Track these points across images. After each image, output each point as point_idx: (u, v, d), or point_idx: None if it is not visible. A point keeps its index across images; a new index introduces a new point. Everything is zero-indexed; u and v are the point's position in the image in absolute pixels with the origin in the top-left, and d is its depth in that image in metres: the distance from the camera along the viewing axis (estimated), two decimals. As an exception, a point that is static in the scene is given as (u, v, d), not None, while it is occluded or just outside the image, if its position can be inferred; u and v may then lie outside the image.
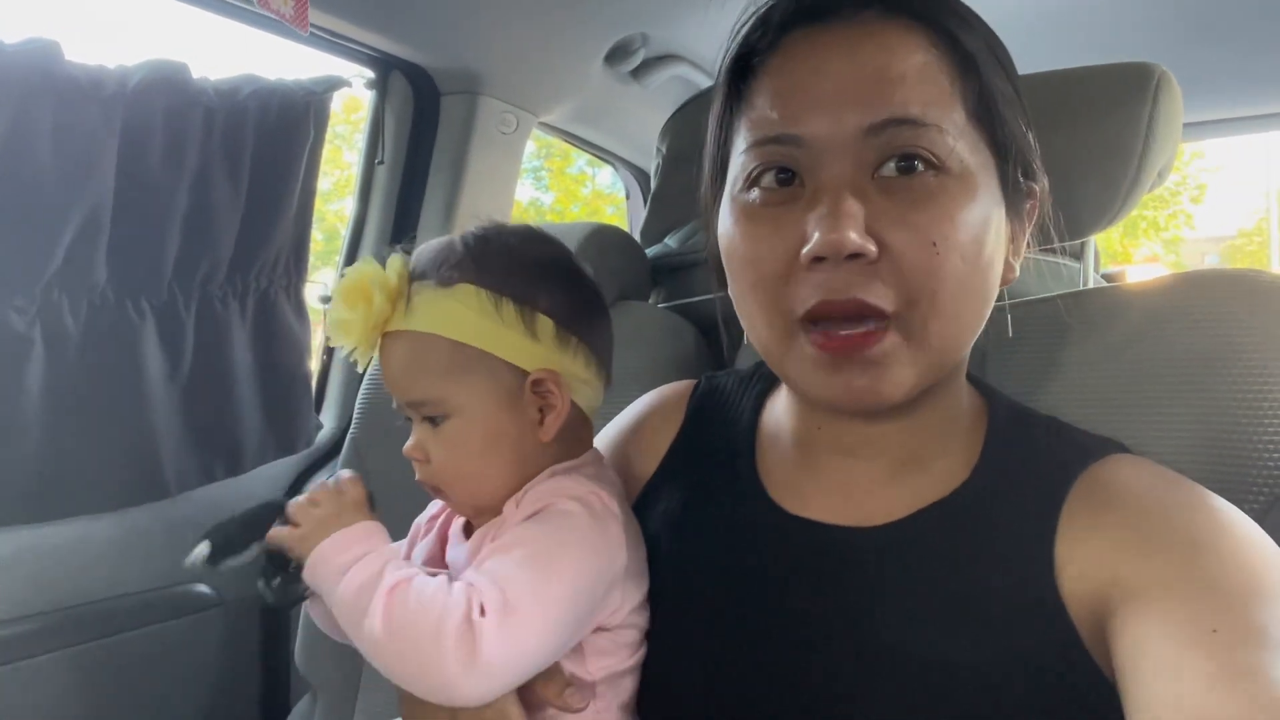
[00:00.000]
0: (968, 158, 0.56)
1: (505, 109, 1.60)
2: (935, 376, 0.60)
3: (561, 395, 0.68)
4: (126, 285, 1.21)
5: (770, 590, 0.64)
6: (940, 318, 0.56)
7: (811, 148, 0.57)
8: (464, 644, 0.56)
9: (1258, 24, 1.46)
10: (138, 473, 1.25)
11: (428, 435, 0.68)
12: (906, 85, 0.55)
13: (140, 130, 1.15)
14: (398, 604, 0.58)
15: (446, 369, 0.66)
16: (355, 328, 0.67)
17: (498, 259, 0.69)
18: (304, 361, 1.46)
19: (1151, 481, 0.58)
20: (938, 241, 0.54)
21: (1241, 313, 0.78)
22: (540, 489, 0.67)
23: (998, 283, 0.60)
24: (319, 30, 1.33)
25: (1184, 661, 0.47)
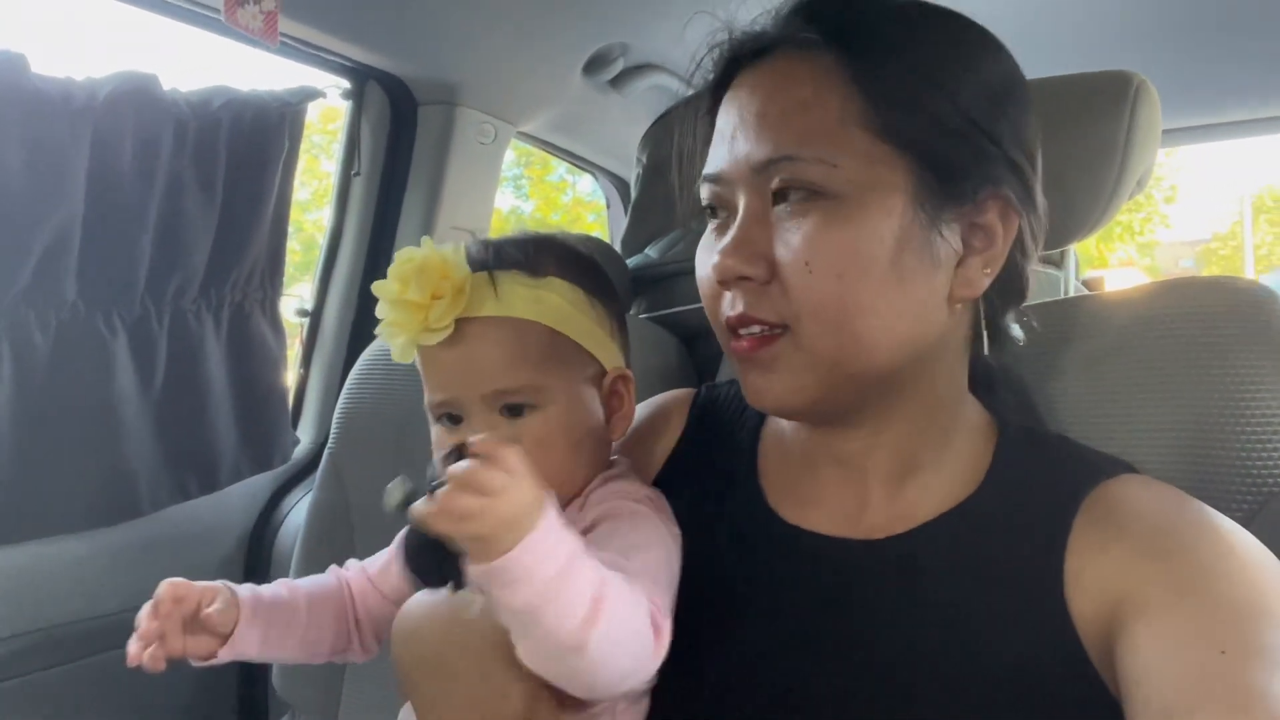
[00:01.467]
0: (862, 178, 0.57)
1: (484, 119, 1.59)
2: (848, 387, 0.61)
3: (630, 397, 0.72)
4: (97, 299, 1.19)
5: (771, 602, 0.65)
6: (827, 334, 0.58)
7: (726, 184, 0.62)
8: (657, 649, 0.56)
9: (1233, 32, 1.47)
10: (110, 491, 1.23)
11: (503, 429, 0.66)
12: (790, 121, 0.59)
13: (110, 143, 1.13)
14: (614, 624, 0.53)
15: (545, 357, 0.66)
16: (431, 312, 0.63)
17: (576, 259, 0.71)
18: (280, 376, 1.45)
19: (1160, 501, 0.59)
20: (809, 262, 0.57)
21: (1221, 320, 0.78)
22: (600, 494, 0.67)
23: (922, 299, 0.59)
24: (293, 41, 1.32)
25: (1190, 684, 0.47)
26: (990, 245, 0.61)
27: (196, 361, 1.31)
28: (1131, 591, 0.53)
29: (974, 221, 0.60)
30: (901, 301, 0.58)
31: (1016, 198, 0.60)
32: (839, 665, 0.60)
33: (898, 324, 0.59)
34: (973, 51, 0.62)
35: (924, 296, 0.59)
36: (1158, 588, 0.52)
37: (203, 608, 0.69)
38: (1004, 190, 0.60)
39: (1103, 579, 0.55)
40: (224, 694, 1.44)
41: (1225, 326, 0.78)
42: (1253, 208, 15.87)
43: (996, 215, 0.60)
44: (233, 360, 1.37)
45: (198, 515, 1.39)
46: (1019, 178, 0.61)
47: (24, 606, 1.19)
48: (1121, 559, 0.55)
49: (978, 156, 0.59)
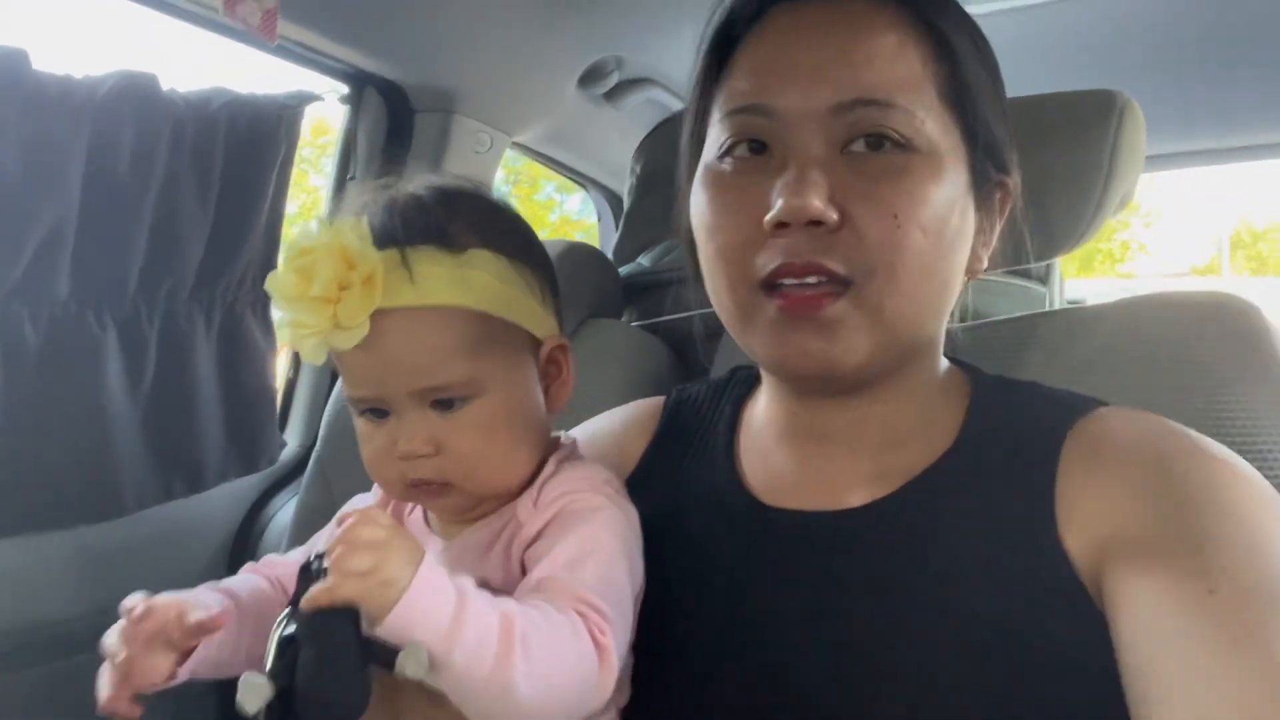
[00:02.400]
0: (936, 138, 0.58)
1: (479, 128, 1.60)
2: (893, 351, 0.60)
3: (568, 364, 0.66)
4: (89, 297, 1.18)
5: (753, 584, 0.63)
6: (897, 292, 0.57)
7: (782, 120, 0.58)
8: (604, 668, 0.54)
9: (1219, 59, 1.51)
10: (95, 489, 1.22)
11: (436, 425, 0.60)
12: (877, 65, 0.57)
13: (108, 140, 1.14)
14: (536, 647, 0.51)
15: (475, 345, 0.59)
16: (339, 308, 0.55)
17: (493, 219, 0.63)
18: (269, 378, 1.44)
19: (1146, 431, 0.58)
20: (899, 214, 0.55)
21: (1206, 333, 0.79)
22: (555, 484, 0.62)
23: (961, 267, 0.62)
24: (292, 44, 1.33)
25: (1180, 626, 0.46)
26: (991, 228, 0.64)
27: (186, 362, 1.31)
28: (1120, 528, 0.52)
29: (987, 200, 0.63)
30: (954, 267, 0.60)
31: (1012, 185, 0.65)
32: (833, 639, 0.59)
33: (944, 291, 0.60)
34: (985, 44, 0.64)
35: (959, 267, 0.61)
36: (1145, 524, 0.52)
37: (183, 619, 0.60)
38: (1010, 179, 0.64)
39: (1094, 514, 0.54)
40: (204, 698, 1.42)
41: (1205, 339, 0.79)
42: (1230, 242, 16.08)
43: (999, 200, 0.64)
44: (222, 362, 1.36)
45: (183, 516, 1.38)
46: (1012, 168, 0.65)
47: (5, 605, 1.17)
48: (1112, 493, 0.54)
49: (1002, 138, 0.62)
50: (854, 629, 0.58)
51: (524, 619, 0.52)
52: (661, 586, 0.65)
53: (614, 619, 0.55)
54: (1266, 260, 16.17)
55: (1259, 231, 16.32)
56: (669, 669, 0.64)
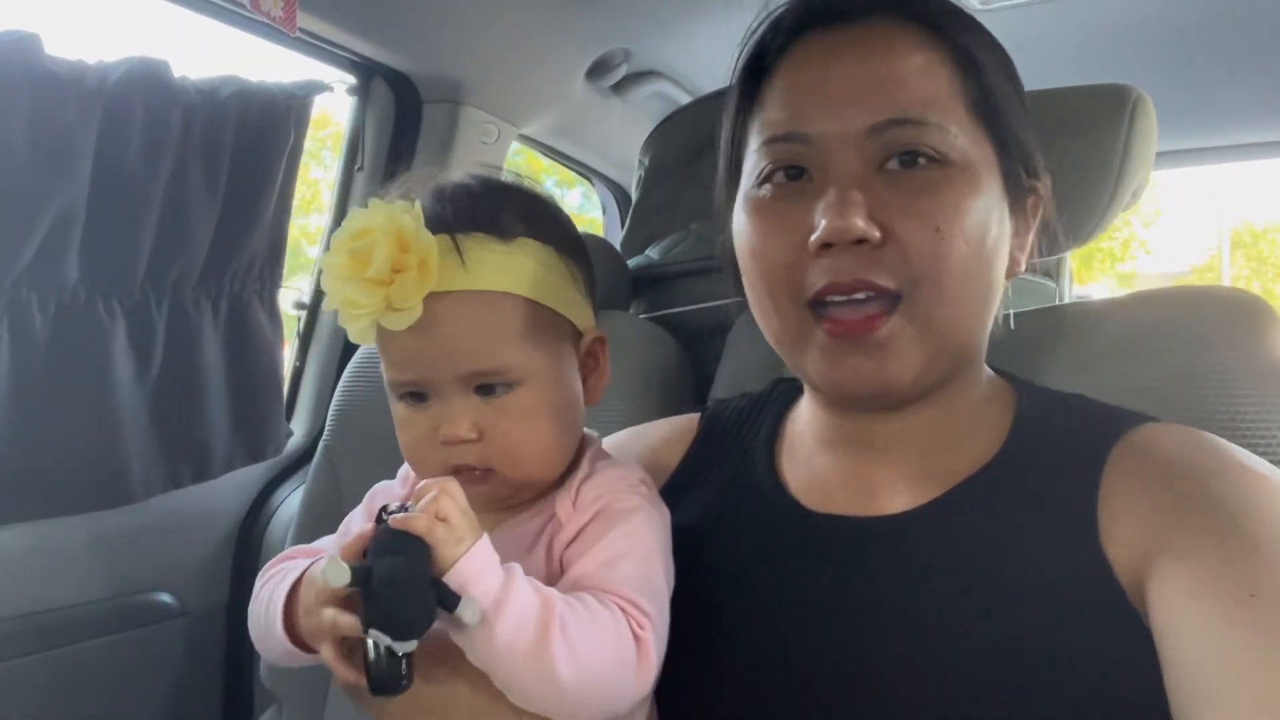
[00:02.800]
0: (969, 151, 0.59)
1: (487, 119, 1.60)
2: (944, 363, 0.61)
3: (604, 358, 0.68)
4: (98, 284, 1.19)
5: (793, 586, 0.64)
6: (945, 300, 0.58)
7: (819, 145, 0.60)
8: (643, 662, 0.56)
9: (1227, 56, 1.51)
10: (103, 476, 1.22)
11: (481, 411, 0.60)
12: (908, 85, 0.59)
13: (119, 127, 1.14)
14: (575, 633, 0.53)
15: (523, 331, 0.60)
16: (393, 290, 0.56)
17: (541, 211, 0.65)
18: (276, 367, 1.44)
19: (1190, 445, 0.59)
20: (941, 226, 0.57)
21: (1212, 327, 0.79)
22: (593, 485, 0.63)
23: (1002, 273, 0.63)
24: (302, 33, 1.33)
25: (1221, 627, 0.47)
26: (1026, 231, 0.65)
27: (193, 350, 1.31)
28: (1163, 537, 0.53)
29: (1020, 205, 0.64)
30: (996, 272, 0.61)
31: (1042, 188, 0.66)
32: (874, 645, 0.59)
33: (990, 299, 0.62)
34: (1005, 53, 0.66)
35: (1001, 273, 0.63)
36: (1188, 533, 0.52)
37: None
38: (1046, 179, 0.65)
39: (1136, 526, 0.55)
40: (209, 685, 1.43)
41: (1216, 333, 0.79)
42: (1230, 241, 16.10)
43: (1032, 204, 0.65)
44: (229, 350, 1.37)
45: (189, 504, 1.38)
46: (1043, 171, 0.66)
47: (13, 590, 1.18)
48: (1153, 504, 0.55)
49: (1032, 144, 0.64)
50: (895, 634, 0.59)
51: (565, 605, 0.54)
52: (701, 589, 0.66)
53: (654, 616, 0.57)
54: (1266, 260, 16.17)
55: (1259, 231, 16.33)
56: (704, 670, 0.64)
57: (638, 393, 1.16)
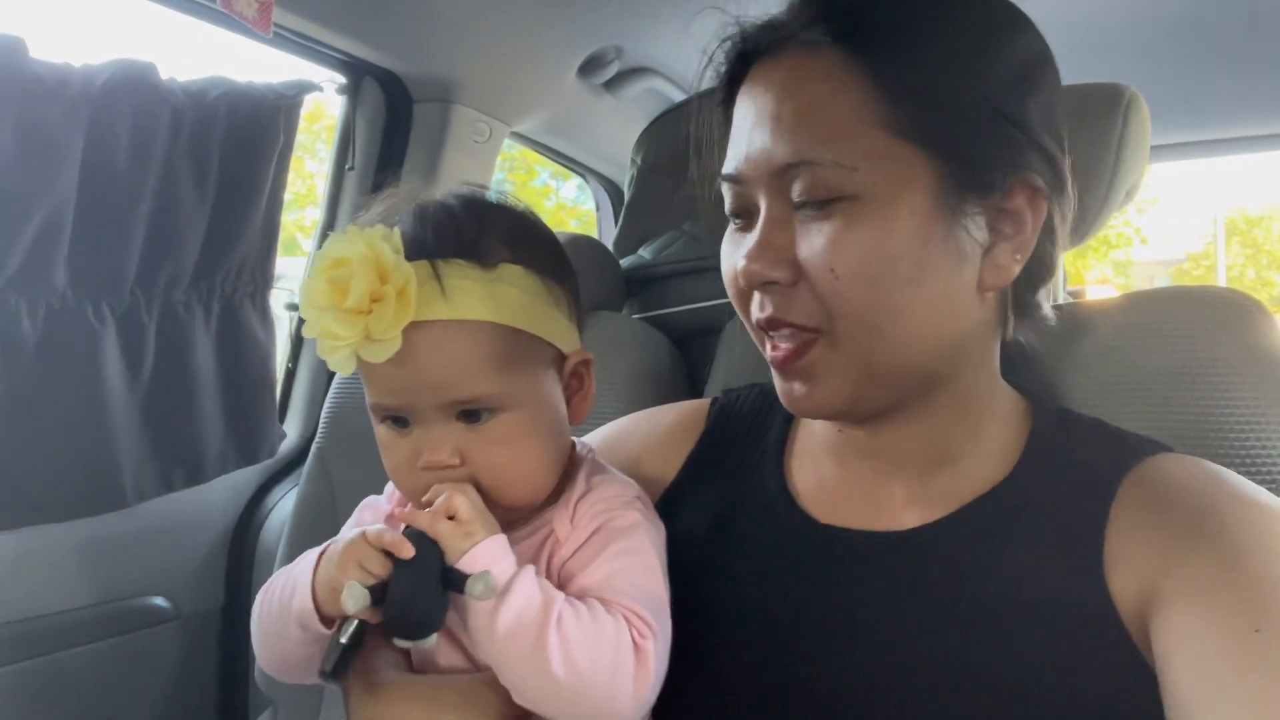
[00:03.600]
0: (879, 180, 0.56)
1: (479, 118, 1.59)
2: (885, 387, 0.61)
3: (590, 378, 0.67)
4: (87, 288, 1.18)
5: (801, 599, 0.64)
6: (864, 333, 0.58)
7: (748, 186, 0.62)
8: (641, 671, 0.56)
9: (1222, 51, 1.50)
10: (95, 481, 1.21)
11: (463, 436, 0.60)
12: (809, 122, 0.58)
13: (106, 130, 1.13)
14: (572, 632, 0.54)
15: (504, 360, 0.59)
16: (371, 321, 0.54)
17: (526, 233, 0.64)
18: (269, 370, 1.44)
19: (1200, 479, 0.58)
20: (836, 268, 0.57)
21: (1206, 328, 0.79)
22: (590, 503, 0.63)
23: (945, 291, 0.59)
24: (290, 34, 1.32)
25: (1225, 663, 0.47)
26: (1019, 232, 0.59)
27: (185, 353, 1.30)
28: (1169, 570, 0.53)
29: (1002, 208, 0.58)
30: (932, 298, 0.58)
31: (1045, 182, 0.59)
32: (876, 660, 0.59)
33: (930, 320, 0.59)
34: (995, 33, 0.60)
35: (954, 290, 0.59)
36: (1194, 566, 0.52)
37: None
38: (1031, 176, 0.58)
39: (1142, 558, 0.55)
40: (204, 689, 1.42)
41: (1209, 334, 0.79)
42: (1225, 229, 16.13)
43: (1025, 201, 0.59)
44: (221, 353, 1.36)
45: (182, 508, 1.38)
46: (1047, 161, 0.59)
47: (5, 597, 1.17)
48: (1160, 538, 0.55)
49: (1002, 144, 0.58)
50: (894, 654, 0.59)
51: (568, 604, 0.55)
52: (704, 595, 0.66)
53: (656, 628, 0.57)
54: (1261, 247, 16.22)
55: (1254, 218, 16.37)
56: (701, 677, 0.64)
57: (630, 393, 1.16)
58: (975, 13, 0.60)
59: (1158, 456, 0.61)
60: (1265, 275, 15.76)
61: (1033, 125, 0.59)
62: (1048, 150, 0.59)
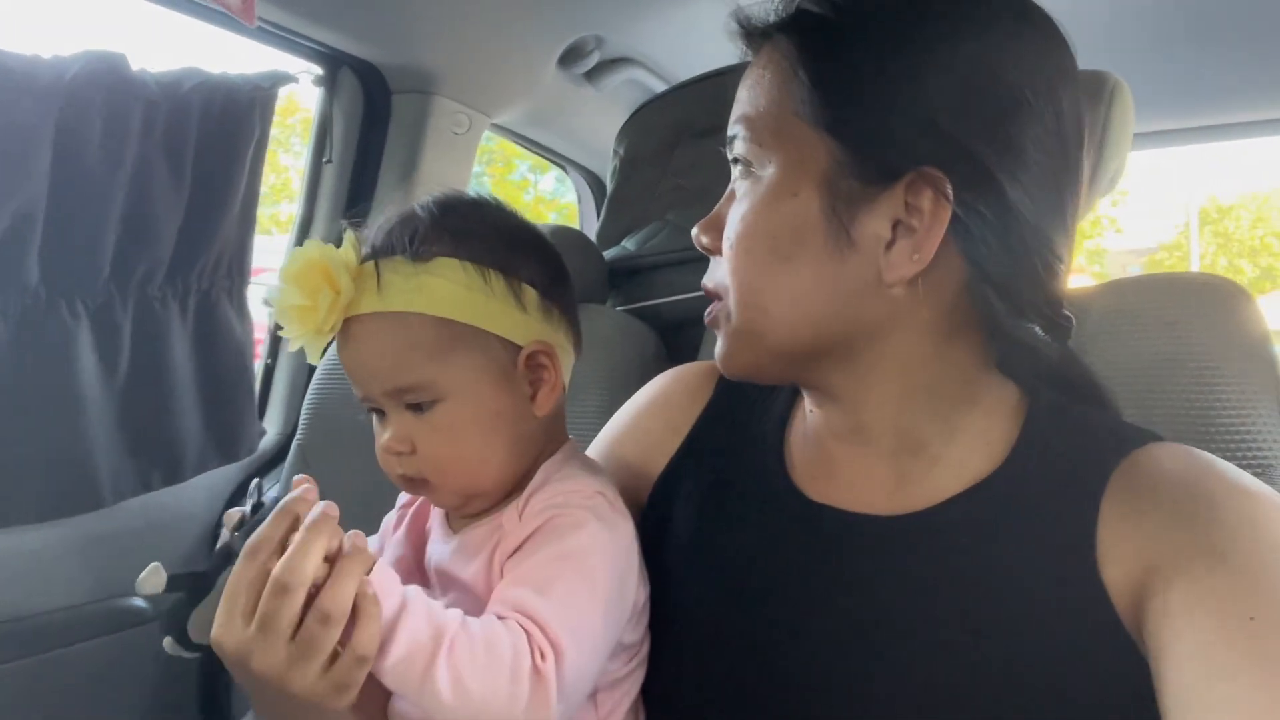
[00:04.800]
0: (779, 160, 0.59)
1: (458, 109, 1.58)
2: (782, 357, 0.62)
3: (555, 367, 0.67)
4: (61, 285, 1.16)
5: (793, 578, 0.64)
6: (743, 304, 0.61)
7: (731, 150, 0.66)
8: (537, 694, 0.54)
9: (1196, 37, 1.51)
10: (71, 481, 1.20)
11: (411, 425, 0.63)
12: (744, 100, 0.63)
13: (77, 123, 1.11)
14: (463, 662, 0.53)
15: (435, 349, 0.62)
16: (317, 315, 0.61)
17: (475, 228, 0.66)
18: (247, 365, 1.42)
19: (1192, 467, 0.58)
20: (731, 238, 0.62)
21: (1196, 315, 0.79)
22: (542, 497, 0.63)
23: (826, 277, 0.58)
24: (267, 24, 1.30)
25: (1219, 650, 0.47)
26: (921, 230, 0.56)
27: (161, 350, 1.28)
28: (1162, 559, 0.53)
29: (908, 202, 0.56)
30: (807, 280, 0.59)
31: (956, 184, 0.55)
32: (862, 643, 0.59)
33: (804, 301, 0.59)
34: (930, 17, 0.57)
35: (836, 278, 0.58)
36: (1187, 555, 0.52)
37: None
38: (933, 173, 0.55)
39: (1134, 548, 0.55)
40: (186, 690, 1.41)
41: (1193, 320, 0.79)
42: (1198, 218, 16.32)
43: (929, 200, 0.55)
44: (198, 349, 1.34)
45: (162, 507, 1.36)
46: (966, 159, 0.55)
47: (-20, 599, 1.15)
48: (1152, 527, 0.55)
49: (907, 135, 0.56)
50: (881, 642, 0.59)
51: (462, 632, 0.54)
52: (698, 562, 0.67)
53: (566, 647, 0.55)
54: (1232, 236, 16.43)
55: (1225, 207, 16.57)
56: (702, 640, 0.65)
57: (615, 386, 1.16)
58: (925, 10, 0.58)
59: (1149, 446, 0.61)
60: (1236, 263, 15.97)
61: (952, 121, 0.55)
62: (973, 153, 0.55)
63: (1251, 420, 0.75)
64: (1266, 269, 15.98)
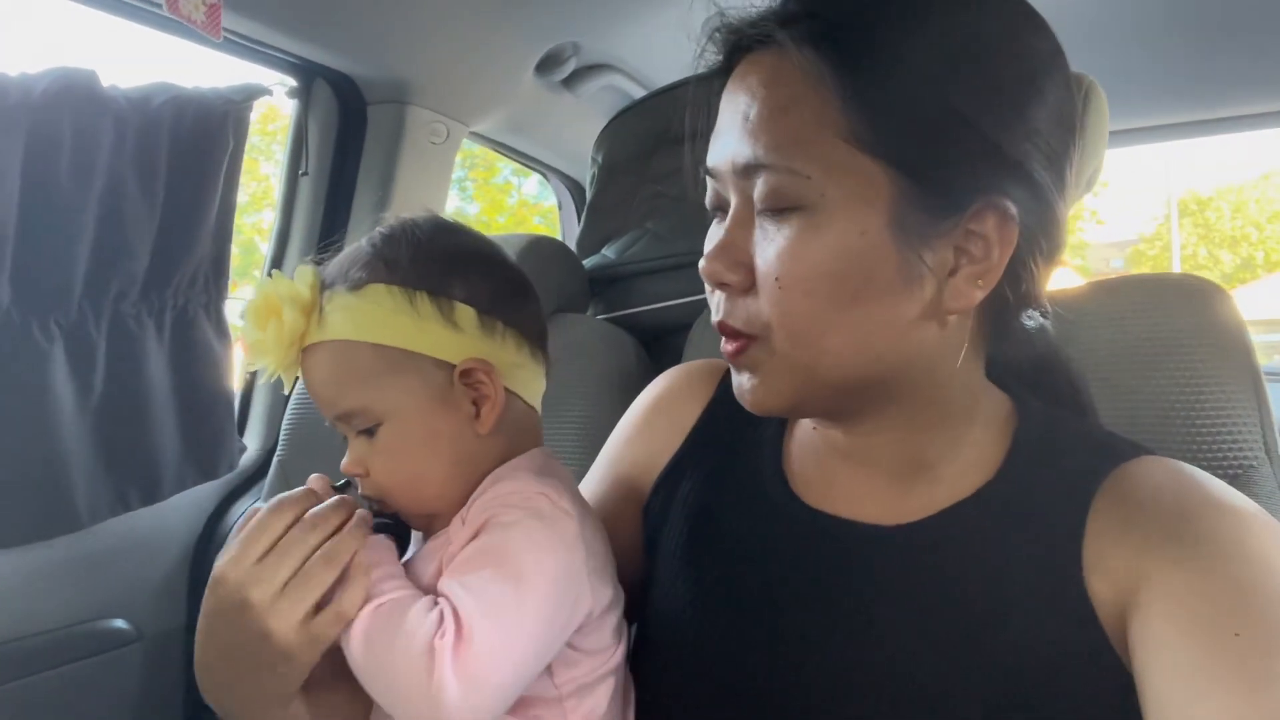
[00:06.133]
0: (835, 192, 0.54)
1: (435, 119, 1.56)
2: (826, 393, 0.59)
3: (494, 384, 0.66)
4: (33, 305, 1.14)
5: (786, 579, 0.64)
6: (798, 345, 0.57)
7: (720, 181, 0.61)
8: (434, 670, 0.54)
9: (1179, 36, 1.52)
10: (48, 503, 1.18)
11: (364, 448, 0.66)
12: (763, 126, 0.56)
13: (46, 140, 1.09)
14: (380, 622, 0.57)
15: (369, 374, 0.64)
16: (269, 346, 0.64)
17: (406, 253, 0.67)
18: (225, 381, 1.40)
19: (1179, 482, 0.58)
20: (780, 278, 0.56)
21: (1176, 315, 0.79)
22: (482, 501, 0.64)
23: (892, 313, 0.56)
24: (238, 37, 1.29)
25: (1203, 667, 0.47)
26: (985, 257, 0.55)
27: (137, 367, 1.26)
28: (1147, 574, 0.53)
29: (970, 229, 0.55)
30: (876, 318, 0.56)
31: (1018, 205, 0.55)
32: (854, 649, 0.59)
33: (871, 339, 0.57)
34: (981, 41, 0.55)
35: (903, 311, 0.56)
36: (1172, 571, 0.52)
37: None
38: (1001, 200, 0.54)
39: (1120, 563, 0.54)
40: (169, 711, 1.39)
41: (1174, 322, 0.79)
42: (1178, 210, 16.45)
43: (993, 225, 0.55)
44: (175, 366, 1.32)
45: (141, 525, 1.34)
46: (1025, 183, 0.55)
47: (-43, 625, 1.13)
48: (1138, 542, 0.54)
49: (972, 165, 0.54)
50: (879, 638, 0.59)
51: (388, 601, 0.58)
52: (693, 561, 0.68)
53: (475, 632, 0.56)
54: (1212, 227, 16.57)
55: (1204, 199, 16.71)
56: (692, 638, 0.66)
57: (596, 394, 1.15)
58: (958, 20, 0.55)
59: (1136, 460, 0.60)
60: (1216, 254, 16.11)
61: (1012, 141, 0.54)
62: (1028, 171, 0.55)
63: (1233, 422, 0.75)
64: (1246, 259, 16.13)
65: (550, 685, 0.62)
